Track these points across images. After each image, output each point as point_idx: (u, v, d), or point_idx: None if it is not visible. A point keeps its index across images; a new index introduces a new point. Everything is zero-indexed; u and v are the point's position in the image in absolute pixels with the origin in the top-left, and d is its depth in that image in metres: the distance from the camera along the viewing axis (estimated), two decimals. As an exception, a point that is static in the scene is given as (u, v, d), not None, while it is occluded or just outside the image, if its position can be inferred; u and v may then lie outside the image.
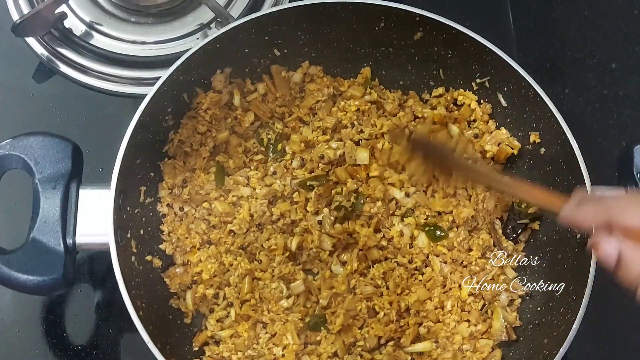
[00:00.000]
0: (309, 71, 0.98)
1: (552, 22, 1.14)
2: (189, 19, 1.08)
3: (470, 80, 0.95)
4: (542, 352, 0.81)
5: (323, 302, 0.88)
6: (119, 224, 0.80)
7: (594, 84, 1.09)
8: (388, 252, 0.91)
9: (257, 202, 0.91)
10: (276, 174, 0.94)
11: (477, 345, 0.88)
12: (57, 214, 0.78)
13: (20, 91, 1.04)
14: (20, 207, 0.90)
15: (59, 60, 1.04)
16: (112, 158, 0.80)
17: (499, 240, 0.92)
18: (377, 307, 0.88)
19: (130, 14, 1.08)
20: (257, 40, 0.92)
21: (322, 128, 0.96)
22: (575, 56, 1.11)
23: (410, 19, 0.90)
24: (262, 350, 0.86)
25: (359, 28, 0.93)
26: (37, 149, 0.80)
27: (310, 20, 0.92)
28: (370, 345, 0.87)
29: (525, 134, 0.93)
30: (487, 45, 0.88)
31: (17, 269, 0.76)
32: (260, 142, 0.95)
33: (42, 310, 0.93)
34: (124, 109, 1.02)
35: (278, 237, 0.89)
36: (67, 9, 1.05)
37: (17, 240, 0.78)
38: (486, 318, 0.89)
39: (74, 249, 0.79)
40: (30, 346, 0.91)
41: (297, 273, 0.89)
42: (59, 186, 0.79)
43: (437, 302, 0.89)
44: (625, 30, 1.04)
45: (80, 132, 0.99)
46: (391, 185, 0.94)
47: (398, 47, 0.95)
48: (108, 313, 0.93)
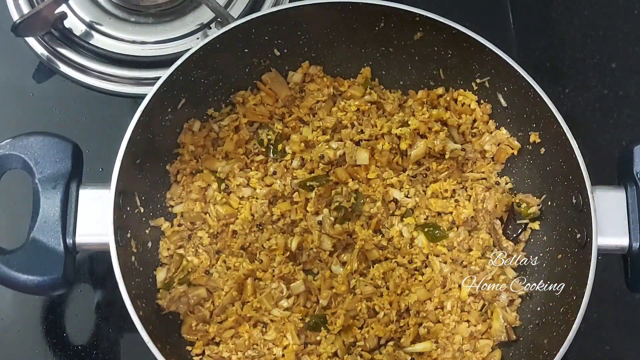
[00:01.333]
0: (309, 71, 0.98)
1: (552, 22, 1.14)
2: (189, 19, 1.08)
3: (470, 80, 0.95)
4: (542, 352, 0.81)
5: (323, 302, 0.88)
6: (119, 224, 0.80)
7: (594, 84, 1.09)
8: (388, 252, 0.91)
9: (258, 202, 0.91)
10: (276, 174, 0.94)
11: (477, 346, 0.88)
12: (57, 214, 0.78)
13: (20, 91, 1.04)
14: (20, 207, 0.90)
15: (59, 60, 1.04)
16: (112, 158, 0.80)
17: (499, 240, 0.92)
18: (377, 307, 0.88)
19: (130, 14, 1.08)
20: (257, 40, 0.92)
21: (322, 128, 0.96)
22: (575, 56, 1.11)
23: (410, 19, 0.90)
24: (262, 350, 0.86)
25: (359, 28, 0.93)
26: (37, 149, 0.80)
27: (310, 20, 0.92)
28: (370, 345, 0.87)
29: (525, 134, 0.93)
30: (487, 45, 0.88)
31: (17, 269, 0.76)
32: (261, 143, 0.95)
33: (42, 310, 0.93)
34: (124, 109, 1.02)
35: (278, 237, 0.89)
36: (67, 9, 1.06)
37: (17, 240, 0.78)
38: (486, 318, 0.89)
39: (74, 249, 0.79)
40: (30, 346, 0.91)
41: (297, 273, 0.89)
42: (59, 186, 0.79)
43: (437, 302, 0.89)
44: (625, 30, 1.04)
45: (80, 132, 0.99)
46: (390, 186, 0.94)
47: (398, 47, 0.95)
48: (108, 313, 0.93)
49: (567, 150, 0.84)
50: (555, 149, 0.88)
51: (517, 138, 0.94)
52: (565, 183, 0.86)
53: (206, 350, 0.86)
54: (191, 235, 0.91)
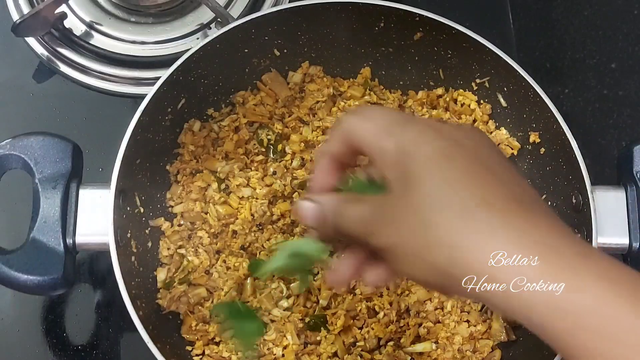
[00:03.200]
0: (309, 71, 0.98)
1: (552, 22, 1.14)
2: (189, 19, 1.08)
3: (470, 80, 0.95)
4: (542, 352, 0.81)
5: (323, 303, 0.88)
6: (119, 224, 0.80)
7: (594, 84, 1.09)
8: (388, 252, 0.91)
9: (258, 202, 0.91)
10: (276, 174, 0.94)
11: (477, 346, 0.88)
12: (57, 214, 0.78)
13: (20, 91, 1.04)
14: (20, 207, 0.90)
15: (59, 60, 1.04)
16: (112, 158, 0.80)
17: (499, 240, 0.92)
18: (377, 307, 0.88)
19: (130, 14, 1.08)
20: (257, 40, 0.92)
21: (322, 128, 0.96)
22: (575, 56, 1.11)
23: (410, 19, 0.90)
24: (262, 350, 0.86)
25: (359, 28, 0.93)
26: (37, 149, 0.80)
27: (310, 20, 0.92)
28: (370, 345, 0.87)
29: (525, 134, 0.93)
30: (487, 45, 0.88)
31: (17, 269, 0.76)
32: (261, 143, 0.95)
33: (42, 310, 0.93)
34: (124, 109, 1.02)
35: (278, 237, 0.89)
36: (67, 9, 1.05)
37: (17, 240, 0.78)
38: (486, 319, 0.89)
39: (74, 249, 0.78)
40: (30, 346, 0.91)
41: (297, 273, 0.89)
42: (59, 186, 0.79)
43: (437, 302, 0.89)
44: (625, 30, 1.04)
45: (80, 132, 0.99)
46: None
47: (398, 47, 0.95)
48: (108, 313, 0.93)
49: (567, 150, 0.84)
50: (555, 149, 0.88)
51: (516, 138, 0.94)
52: (565, 183, 0.86)
53: (206, 350, 0.86)
54: (191, 235, 0.91)
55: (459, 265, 0.46)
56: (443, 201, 0.47)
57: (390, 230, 0.49)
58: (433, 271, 0.48)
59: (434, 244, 0.47)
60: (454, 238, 0.46)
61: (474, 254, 0.46)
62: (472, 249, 0.46)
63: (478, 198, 0.47)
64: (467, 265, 0.46)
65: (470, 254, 0.46)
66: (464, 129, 0.52)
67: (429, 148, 0.49)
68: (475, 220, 0.46)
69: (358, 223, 0.52)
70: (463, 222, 0.46)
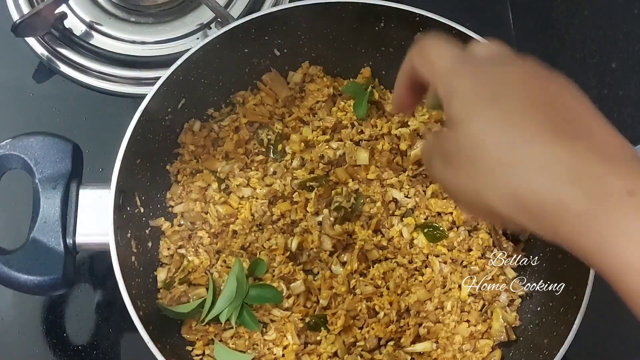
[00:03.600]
0: (309, 71, 0.98)
1: (552, 22, 1.13)
2: (189, 19, 1.08)
3: (470, 80, 0.95)
4: (542, 352, 0.81)
5: (323, 303, 0.88)
6: (119, 224, 0.80)
7: (595, 84, 1.09)
8: (388, 252, 0.91)
9: (258, 202, 0.91)
10: (276, 174, 0.94)
11: (477, 346, 0.88)
12: (57, 214, 0.78)
13: (20, 91, 1.04)
14: (20, 207, 0.90)
15: (59, 60, 1.04)
16: (112, 158, 0.80)
17: (499, 240, 0.92)
18: (377, 307, 0.88)
19: (130, 14, 1.08)
20: (257, 40, 0.92)
21: (322, 128, 0.96)
22: (576, 56, 1.11)
23: (410, 19, 0.90)
24: (262, 350, 0.86)
25: (359, 28, 0.93)
26: (37, 149, 0.80)
27: (310, 20, 0.92)
28: (370, 345, 0.87)
29: (525, 134, 0.93)
30: (487, 45, 0.88)
31: (17, 269, 0.76)
32: (261, 143, 0.95)
33: (42, 310, 0.93)
34: (124, 109, 1.02)
35: (278, 237, 0.89)
36: (67, 9, 1.05)
37: (17, 240, 0.78)
38: (486, 318, 0.89)
39: (74, 249, 0.79)
40: (30, 346, 0.91)
41: (297, 273, 0.89)
42: (59, 186, 0.79)
43: (437, 302, 0.89)
44: (625, 30, 1.04)
45: (80, 132, 0.99)
46: (390, 187, 0.94)
47: (398, 47, 0.95)
48: (108, 313, 0.93)
49: (567, 150, 0.83)
50: (555, 149, 0.88)
51: (517, 138, 0.94)
52: (565, 183, 0.86)
53: (206, 350, 0.86)
54: (191, 235, 0.91)
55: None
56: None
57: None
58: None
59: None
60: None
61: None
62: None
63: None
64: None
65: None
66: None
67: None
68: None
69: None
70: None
